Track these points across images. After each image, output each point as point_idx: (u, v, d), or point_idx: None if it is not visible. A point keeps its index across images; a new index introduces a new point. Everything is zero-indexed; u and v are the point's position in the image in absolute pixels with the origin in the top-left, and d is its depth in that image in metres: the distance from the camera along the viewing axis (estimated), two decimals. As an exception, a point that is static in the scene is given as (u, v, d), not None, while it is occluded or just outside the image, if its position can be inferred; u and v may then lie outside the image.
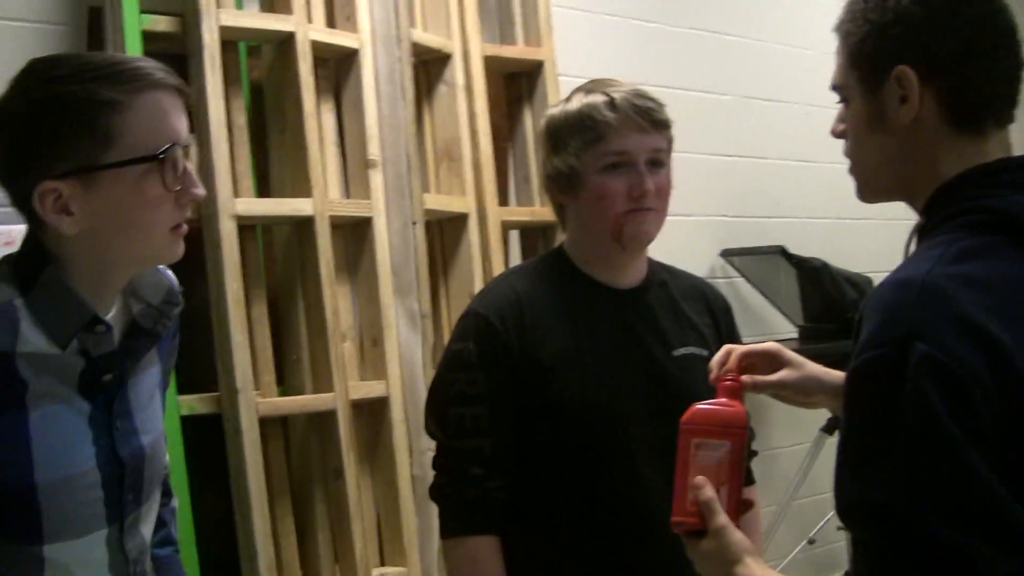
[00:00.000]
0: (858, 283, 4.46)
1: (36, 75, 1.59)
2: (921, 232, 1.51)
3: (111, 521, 1.69)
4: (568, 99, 2.24)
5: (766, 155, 4.81)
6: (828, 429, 4.55)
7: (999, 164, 1.47)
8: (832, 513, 4.62)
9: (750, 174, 4.75)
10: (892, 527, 1.30)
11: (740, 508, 1.68)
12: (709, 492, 1.64)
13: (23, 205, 1.60)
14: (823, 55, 5.47)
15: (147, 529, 1.80)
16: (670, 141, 2.22)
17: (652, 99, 2.20)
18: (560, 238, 3.58)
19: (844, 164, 1.60)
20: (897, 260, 1.46)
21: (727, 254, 4.58)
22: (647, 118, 2.16)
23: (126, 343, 1.71)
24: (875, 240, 4.99)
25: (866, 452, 1.34)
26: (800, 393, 1.86)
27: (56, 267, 1.61)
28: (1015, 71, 1.51)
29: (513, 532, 2.16)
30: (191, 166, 1.64)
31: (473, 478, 2.13)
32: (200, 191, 1.65)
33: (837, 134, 1.62)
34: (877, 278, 5.00)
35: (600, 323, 2.22)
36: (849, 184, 1.60)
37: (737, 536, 1.62)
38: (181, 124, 1.63)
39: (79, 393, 1.64)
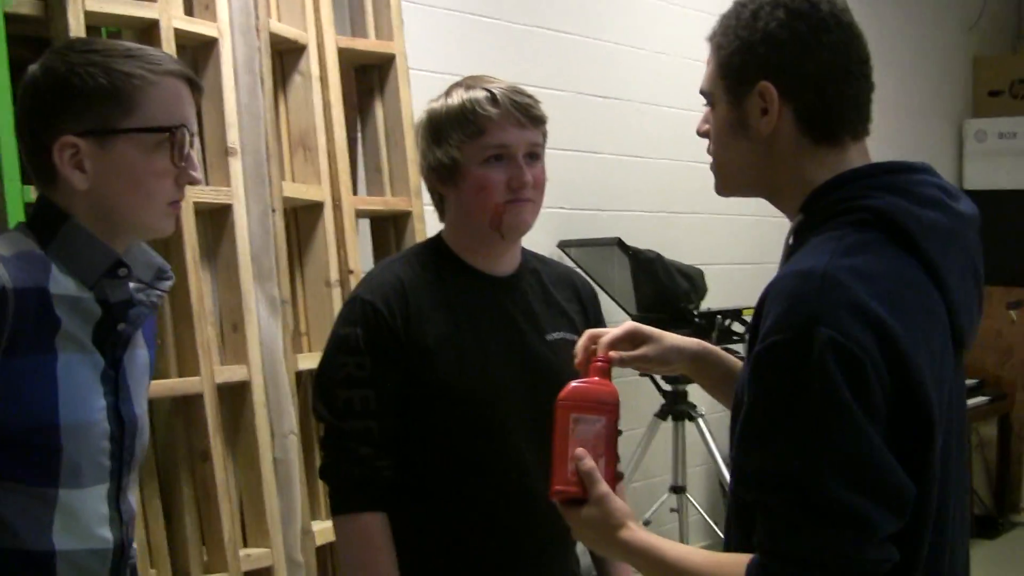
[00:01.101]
0: (690, 275, 4.61)
1: (74, 46, 1.77)
2: (799, 230, 1.66)
3: (112, 477, 1.79)
4: (448, 94, 2.31)
5: (601, 150, 4.95)
6: (661, 415, 4.74)
7: (867, 169, 1.65)
8: (665, 496, 4.82)
9: (586, 168, 4.88)
10: (796, 491, 1.45)
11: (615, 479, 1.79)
12: (590, 463, 1.74)
13: (39, 156, 1.73)
14: (657, 55, 5.64)
15: (132, 502, 1.89)
16: (545, 136, 2.33)
17: (529, 96, 2.30)
18: (412, 227, 3.69)
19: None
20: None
21: (564, 245, 4.68)
22: (526, 114, 2.27)
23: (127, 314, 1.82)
24: (705, 234, 5.20)
25: (773, 425, 1.48)
26: (662, 364, 2.00)
27: (74, 219, 1.74)
28: (867, 94, 1.68)
29: (399, 510, 2.24)
30: (194, 153, 1.79)
31: (362, 458, 2.20)
32: (198, 175, 1.79)
33: (701, 133, 1.77)
34: (708, 270, 5.18)
35: (478, 309, 2.31)
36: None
37: (619, 503, 1.73)
38: (191, 114, 1.80)
39: (94, 344, 1.75)
